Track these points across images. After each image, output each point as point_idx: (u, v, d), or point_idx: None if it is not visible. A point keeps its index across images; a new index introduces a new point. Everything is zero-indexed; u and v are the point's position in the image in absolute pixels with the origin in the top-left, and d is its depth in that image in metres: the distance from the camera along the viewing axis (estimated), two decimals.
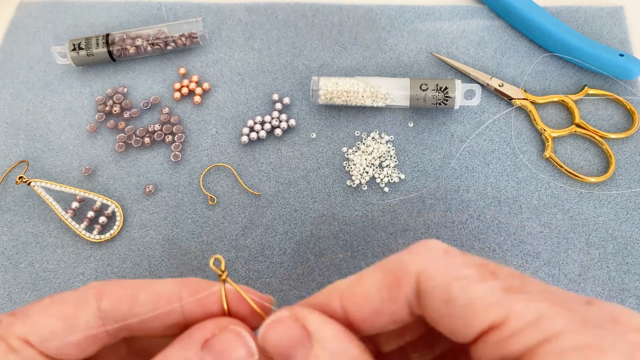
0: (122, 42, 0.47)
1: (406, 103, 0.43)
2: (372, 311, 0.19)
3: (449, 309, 0.17)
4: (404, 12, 0.49)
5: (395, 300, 0.19)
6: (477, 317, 0.17)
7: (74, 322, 0.21)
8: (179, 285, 0.22)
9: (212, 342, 0.20)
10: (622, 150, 0.42)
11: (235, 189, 0.43)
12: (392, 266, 0.19)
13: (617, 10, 0.48)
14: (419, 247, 0.19)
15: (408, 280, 0.19)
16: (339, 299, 0.20)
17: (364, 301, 0.19)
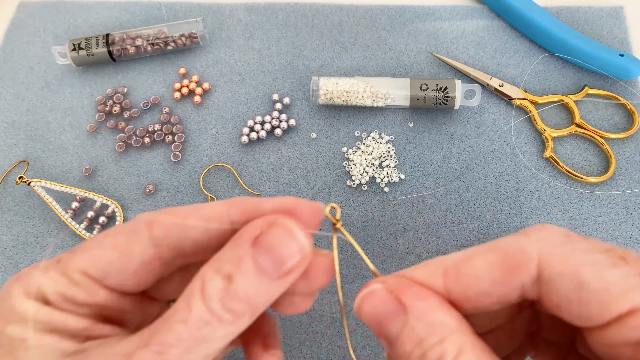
0: (122, 42, 0.47)
1: (406, 103, 0.43)
2: (479, 292, 0.19)
3: (580, 295, 0.17)
4: (404, 12, 0.49)
5: (508, 284, 0.19)
6: (614, 302, 0.17)
7: (129, 252, 0.21)
8: (227, 205, 0.22)
9: (262, 238, 0.20)
10: (622, 151, 0.42)
11: (235, 189, 0.43)
12: (508, 249, 0.19)
13: (617, 10, 0.48)
14: (537, 231, 0.19)
15: (527, 265, 0.19)
16: (442, 275, 0.20)
17: (473, 282, 0.19)
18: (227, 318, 0.19)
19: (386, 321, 0.19)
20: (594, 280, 0.17)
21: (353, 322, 0.38)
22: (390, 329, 0.19)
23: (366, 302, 0.20)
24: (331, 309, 0.38)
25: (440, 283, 0.20)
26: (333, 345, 0.37)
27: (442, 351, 0.18)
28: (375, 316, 0.20)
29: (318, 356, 0.37)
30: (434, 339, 0.18)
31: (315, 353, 0.37)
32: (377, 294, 0.20)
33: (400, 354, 0.19)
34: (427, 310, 0.19)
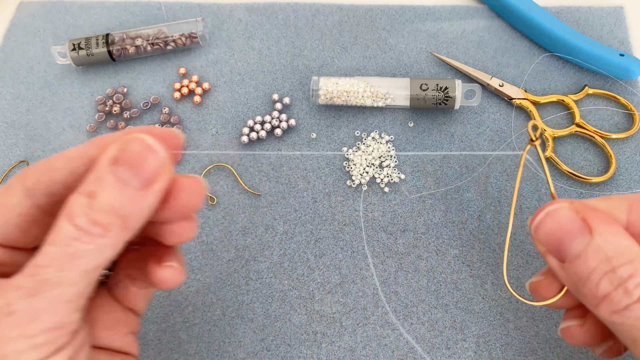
0: (122, 42, 0.47)
1: (406, 103, 0.43)
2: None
3: None
4: (404, 12, 0.49)
5: None
6: None
7: (4, 206, 0.22)
8: (88, 145, 0.23)
9: (120, 155, 0.21)
10: (623, 151, 0.42)
11: (235, 189, 0.43)
12: None
13: (617, 10, 0.48)
14: None
15: None
16: (627, 209, 0.20)
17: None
18: (96, 231, 0.20)
19: (569, 237, 0.20)
20: None
21: (353, 322, 0.38)
22: (571, 246, 0.20)
23: (550, 217, 0.20)
24: (331, 309, 0.38)
25: (623, 216, 0.20)
26: (333, 345, 0.37)
27: (633, 270, 0.18)
28: (557, 231, 0.20)
29: (318, 356, 0.37)
30: (624, 258, 0.19)
31: (315, 353, 0.37)
32: (562, 211, 0.20)
33: (581, 269, 0.19)
34: (614, 234, 0.19)
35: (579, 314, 0.26)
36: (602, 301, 0.19)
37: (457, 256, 0.39)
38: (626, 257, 0.19)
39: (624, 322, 0.19)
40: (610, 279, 0.18)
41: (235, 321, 0.38)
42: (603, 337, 0.25)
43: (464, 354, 0.36)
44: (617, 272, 0.18)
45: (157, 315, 0.39)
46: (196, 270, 0.40)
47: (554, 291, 0.24)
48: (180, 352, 0.38)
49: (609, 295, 0.19)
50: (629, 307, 0.18)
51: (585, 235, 0.19)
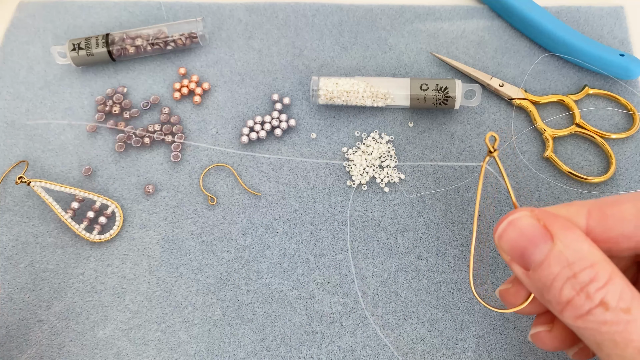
0: (122, 42, 0.47)
1: (406, 103, 0.43)
2: (620, 234, 0.20)
3: None
4: (404, 12, 0.49)
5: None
6: None
7: None
8: None
9: None
10: (623, 151, 0.42)
11: (235, 189, 0.43)
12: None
13: (618, 10, 0.48)
14: None
15: None
16: (586, 215, 0.21)
17: (617, 224, 0.20)
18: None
19: (531, 246, 0.20)
20: None
21: (353, 322, 0.38)
22: (534, 254, 0.20)
23: (512, 226, 0.21)
24: (331, 309, 0.38)
25: (582, 222, 0.21)
26: (333, 345, 0.37)
27: (593, 274, 0.18)
28: (519, 240, 0.20)
29: (318, 356, 0.37)
30: (585, 262, 0.19)
31: (315, 353, 0.37)
32: (524, 220, 0.21)
33: (545, 275, 0.20)
34: (575, 239, 0.20)
35: (547, 319, 0.26)
36: (565, 307, 0.19)
37: (457, 256, 0.39)
38: (587, 261, 0.19)
39: (587, 326, 0.19)
40: (572, 284, 0.19)
41: (235, 321, 0.38)
42: (572, 341, 0.25)
43: (464, 354, 0.36)
44: (578, 277, 0.19)
45: (157, 315, 0.39)
46: (196, 270, 0.40)
47: (521, 298, 0.25)
48: (180, 352, 0.38)
49: (572, 300, 0.19)
50: (591, 312, 0.18)
51: (547, 242, 0.20)
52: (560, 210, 0.22)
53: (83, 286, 0.40)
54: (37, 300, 0.40)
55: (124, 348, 0.38)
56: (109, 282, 0.40)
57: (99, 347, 0.38)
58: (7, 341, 0.38)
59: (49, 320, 0.39)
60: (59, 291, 0.40)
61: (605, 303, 0.18)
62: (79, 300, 0.40)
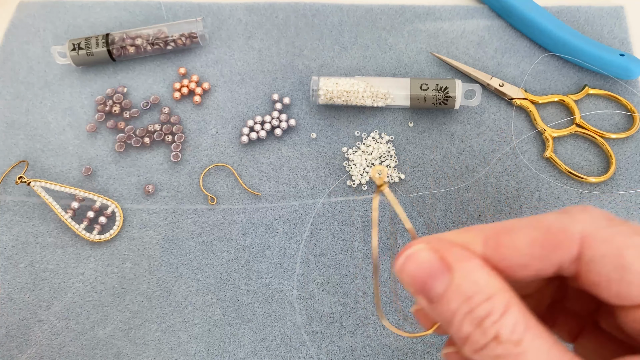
0: (122, 42, 0.47)
1: (406, 103, 0.43)
2: (517, 264, 0.20)
3: (623, 276, 0.18)
4: (404, 12, 0.49)
5: (546, 261, 0.19)
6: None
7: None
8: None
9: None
10: (623, 151, 0.42)
11: (235, 189, 0.43)
12: (551, 227, 0.20)
13: (618, 10, 0.48)
14: (579, 212, 0.20)
15: (569, 244, 0.19)
16: (482, 243, 0.20)
17: (512, 253, 0.20)
18: None
19: (431, 279, 0.20)
20: (636, 263, 0.18)
21: (353, 322, 0.38)
22: (434, 287, 0.20)
23: (410, 260, 0.20)
24: (331, 309, 0.38)
25: (479, 249, 0.20)
26: (333, 345, 0.37)
27: (490, 307, 0.18)
28: (419, 274, 0.20)
29: (318, 356, 0.37)
30: (482, 296, 0.19)
31: (315, 353, 0.37)
32: (421, 253, 0.20)
33: (444, 310, 0.19)
34: (473, 270, 0.19)
35: None
36: (465, 342, 0.19)
37: None
38: (484, 294, 0.19)
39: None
40: (470, 319, 0.19)
41: (235, 321, 0.38)
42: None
43: None
44: (475, 312, 0.19)
45: (157, 315, 0.39)
46: (196, 270, 0.40)
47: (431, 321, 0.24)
48: (180, 352, 0.38)
49: (470, 335, 0.19)
50: (487, 346, 0.18)
51: (446, 275, 0.19)
52: (458, 237, 0.21)
53: (83, 286, 0.40)
54: (37, 300, 0.40)
55: (123, 348, 0.38)
56: (109, 282, 0.40)
57: (99, 347, 0.38)
58: (7, 341, 0.38)
59: (49, 320, 0.39)
60: (59, 291, 0.40)
61: (498, 337, 0.18)
62: (79, 300, 0.40)
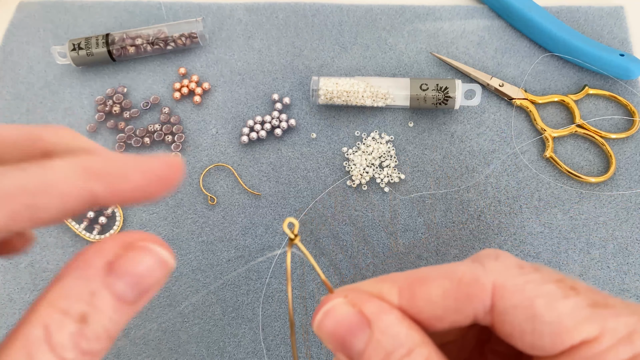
0: (122, 42, 0.47)
1: (406, 103, 0.43)
2: (432, 316, 0.19)
3: (534, 326, 0.18)
4: (404, 12, 0.49)
5: (461, 312, 0.19)
6: (568, 333, 0.17)
7: None
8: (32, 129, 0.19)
9: (118, 265, 0.17)
10: (623, 151, 0.42)
11: (235, 189, 0.43)
12: (462, 278, 0.19)
13: (618, 10, 0.48)
14: (491, 260, 0.19)
15: (482, 296, 0.19)
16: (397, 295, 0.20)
17: (426, 306, 0.19)
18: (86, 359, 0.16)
19: (350, 336, 0.19)
20: (547, 312, 0.17)
21: None
22: (354, 344, 0.19)
23: (328, 316, 0.20)
24: None
25: (395, 301, 0.20)
26: None
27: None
28: (338, 331, 0.19)
29: (318, 356, 0.37)
30: (402, 350, 0.18)
31: (315, 353, 0.37)
32: (339, 308, 0.20)
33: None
34: (392, 324, 0.19)
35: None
36: None
37: (457, 256, 0.39)
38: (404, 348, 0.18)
39: None
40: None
41: (236, 321, 0.38)
42: None
43: None
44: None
45: (157, 315, 0.39)
46: (196, 270, 0.40)
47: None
48: (180, 352, 0.38)
49: None
50: None
51: (365, 330, 0.19)
52: (374, 287, 0.21)
53: None
54: None
55: (123, 348, 0.38)
56: None
57: None
58: None
59: None
60: None
61: None
62: None
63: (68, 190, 0.17)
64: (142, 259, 0.18)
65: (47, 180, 0.17)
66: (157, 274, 0.18)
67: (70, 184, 0.17)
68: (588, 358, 0.17)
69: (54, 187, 0.17)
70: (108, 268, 0.17)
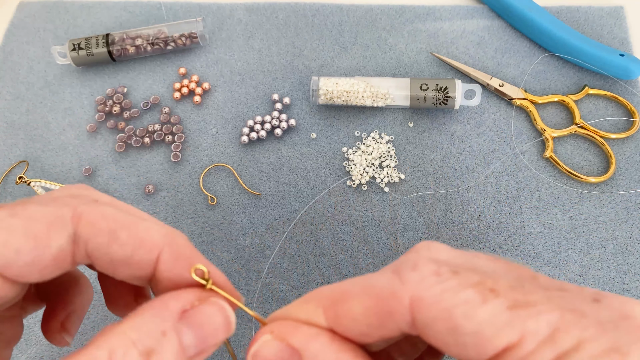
0: (122, 42, 0.47)
1: (406, 103, 0.43)
2: (359, 333, 0.19)
3: (455, 338, 0.17)
4: (404, 12, 0.49)
5: (384, 328, 0.18)
6: (489, 342, 0.16)
7: (46, 243, 0.19)
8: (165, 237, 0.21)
9: (192, 314, 0.18)
10: (623, 151, 0.42)
11: (235, 189, 0.43)
12: (381, 293, 0.18)
13: (617, 10, 0.48)
14: (407, 271, 0.18)
15: (401, 311, 0.18)
16: (323, 314, 0.19)
17: (351, 324, 0.19)
18: None
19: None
20: (466, 322, 0.17)
21: None
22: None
23: (259, 356, 0.19)
24: None
25: (322, 321, 0.20)
26: None
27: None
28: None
29: None
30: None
31: None
32: (268, 345, 0.19)
33: None
34: (322, 349, 0.19)
35: None
36: None
37: None
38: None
39: None
40: None
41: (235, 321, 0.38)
42: None
43: None
44: None
45: None
46: None
47: None
48: None
49: None
50: None
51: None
52: (300, 310, 0.20)
53: None
54: None
55: None
56: None
57: None
58: None
59: None
60: None
61: None
62: None
63: None
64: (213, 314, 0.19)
65: None
66: (220, 335, 0.19)
67: None
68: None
69: None
70: (182, 314, 0.18)
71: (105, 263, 0.20)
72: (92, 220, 0.20)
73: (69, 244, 0.19)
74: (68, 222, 0.19)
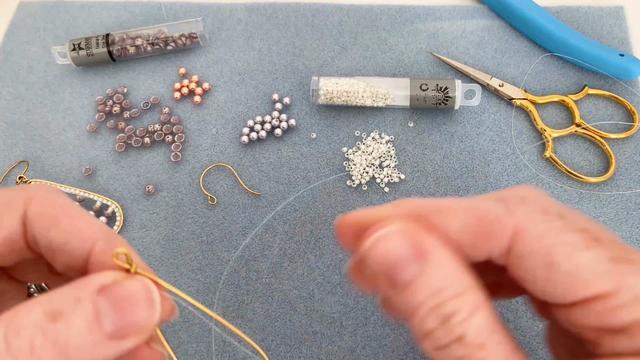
0: (122, 42, 0.47)
1: (406, 103, 0.43)
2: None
3: (549, 274, 0.17)
4: (404, 12, 0.49)
5: (476, 248, 0.18)
6: (583, 285, 0.17)
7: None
8: (102, 233, 0.20)
9: (112, 288, 0.17)
10: (623, 151, 0.42)
11: (235, 189, 0.43)
12: (485, 215, 0.18)
13: (617, 10, 0.48)
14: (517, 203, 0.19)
15: (501, 236, 0.18)
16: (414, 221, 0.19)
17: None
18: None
19: (401, 264, 0.18)
20: (564, 262, 0.17)
21: (353, 322, 0.38)
22: (403, 274, 0.18)
23: (383, 241, 0.18)
24: (331, 309, 0.38)
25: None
26: (333, 345, 0.37)
27: (459, 305, 0.17)
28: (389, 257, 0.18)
29: (318, 356, 0.37)
30: (453, 290, 0.17)
31: (315, 353, 0.37)
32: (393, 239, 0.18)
33: (410, 300, 0.18)
34: (446, 262, 0.18)
35: None
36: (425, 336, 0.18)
37: None
38: (455, 288, 0.17)
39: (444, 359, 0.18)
40: (436, 315, 0.17)
41: (236, 321, 0.38)
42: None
43: None
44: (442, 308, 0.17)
45: None
46: (196, 270, 0.40)
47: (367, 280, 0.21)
48: (180, 352, 0.38)
49: (433, 332, 0.17)
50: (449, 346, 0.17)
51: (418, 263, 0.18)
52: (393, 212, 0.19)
53: None
54: None
55: None
56: None
57: None
58: None
59: None
60: None
61: (462, 338, 0.17)
62: None
63: None
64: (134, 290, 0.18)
65: None
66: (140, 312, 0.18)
67: None
68: (600, 312, 0.17)
69: None
70: (102, 288, 0.17)
71: (45, 248, 0.20)
72: (41, 204, 0.20)
73: (20, 224, 0.20)
74: (20, 204, 0.20)
